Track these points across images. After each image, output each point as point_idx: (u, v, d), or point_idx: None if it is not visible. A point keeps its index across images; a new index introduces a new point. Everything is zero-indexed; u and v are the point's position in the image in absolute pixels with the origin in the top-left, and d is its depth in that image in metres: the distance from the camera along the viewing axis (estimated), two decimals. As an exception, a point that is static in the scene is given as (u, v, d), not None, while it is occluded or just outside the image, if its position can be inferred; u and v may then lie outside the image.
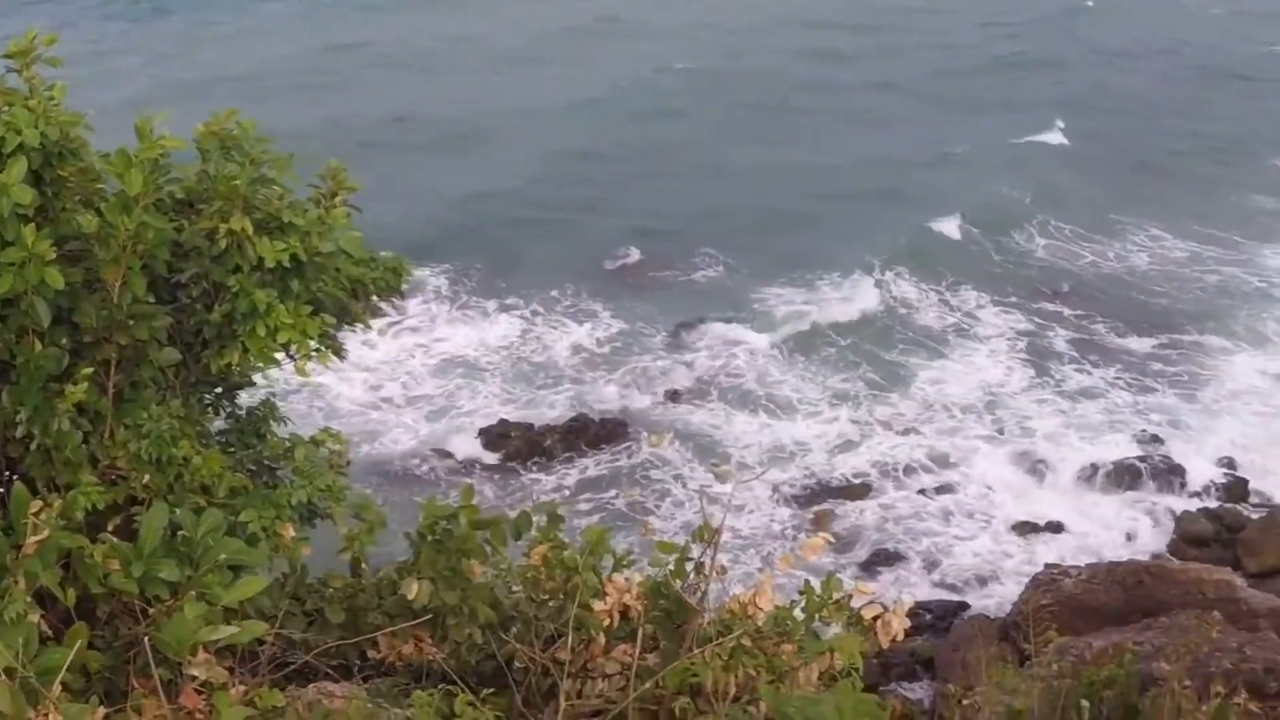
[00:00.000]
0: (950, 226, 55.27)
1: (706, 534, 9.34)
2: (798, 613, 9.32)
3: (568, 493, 37.16)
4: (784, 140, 66.39)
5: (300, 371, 10.14)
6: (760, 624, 9.11)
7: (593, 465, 39.17)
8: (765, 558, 33.80)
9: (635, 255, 52.72)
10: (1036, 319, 48.23)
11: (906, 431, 41.01)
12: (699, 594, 9.33)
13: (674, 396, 42.77)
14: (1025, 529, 36.32)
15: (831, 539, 9.66)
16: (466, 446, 39.78)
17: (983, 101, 73.68)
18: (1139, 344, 46.51)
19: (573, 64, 79.41)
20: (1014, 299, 49.89)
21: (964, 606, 33.03)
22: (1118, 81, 78.27)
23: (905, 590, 33.21)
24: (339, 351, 10.81)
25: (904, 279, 50.98)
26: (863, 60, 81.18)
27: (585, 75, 76.71)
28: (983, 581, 34.31)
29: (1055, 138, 67.47)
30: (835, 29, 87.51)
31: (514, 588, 10.15)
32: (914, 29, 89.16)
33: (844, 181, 60.22)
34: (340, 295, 10.44)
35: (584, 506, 36.26)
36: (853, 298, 49.47)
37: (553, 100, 71.08)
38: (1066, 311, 48.94)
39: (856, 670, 8.59)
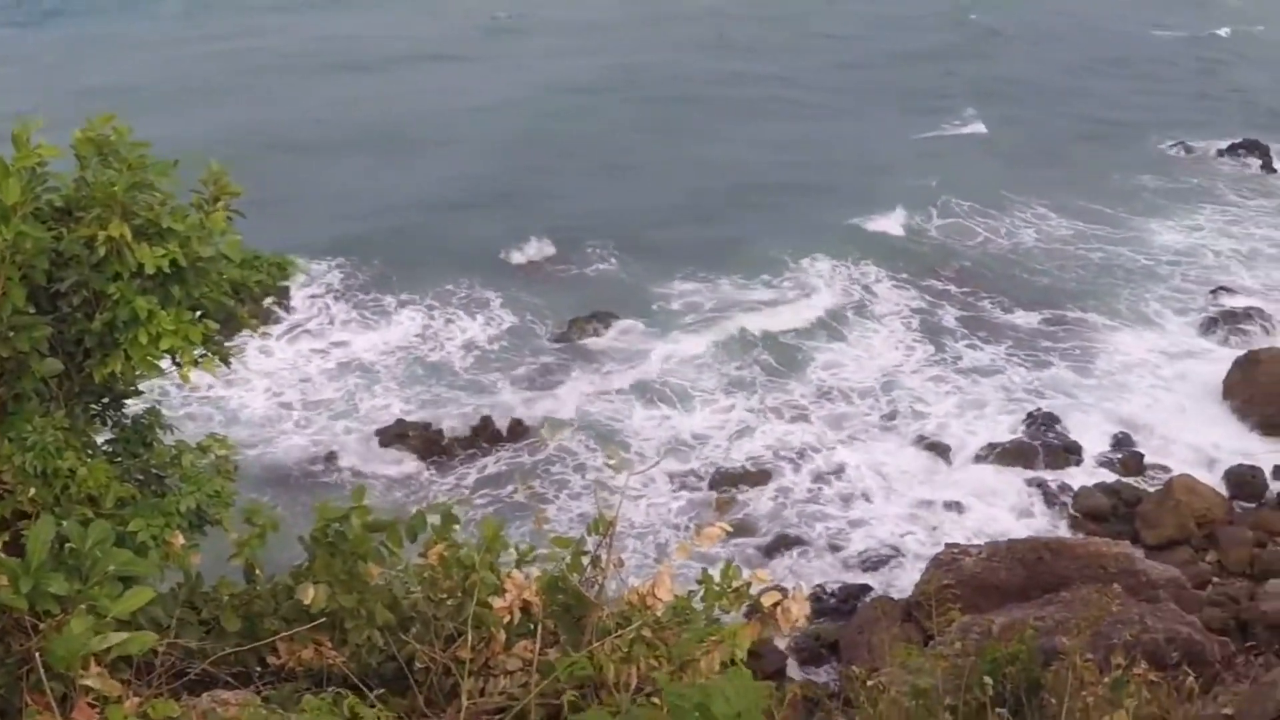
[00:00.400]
0: (862, 218, 56.10)
1: (602, 527, 9.30)
2: (696, 602, 9.30)
3: (467, 490, 37.07)
4: (693, 136, 66.98)
5: (184, 378, 10.00)
6: (659, 615, 9.09)
7: (492, 462, 39.09)
8: (660, 546, 33.91)
9: (539, 251, 52.80)
10: (928, 297, 48.86)
11: (800, 419, 41.26)
12: (596, 587, 9.29)
13: (574, 390, 42.75)
14: (925, 510, 36.64)
15: (730, 528, 9.68)
16: (365, 448, 39.57)
17: (887, 92, 74.83)
18: (1024, 319, 47.27)
19: (479, 62, 79.44)
20: (907, 276, 50.54)
21: (867, 589, 33.26)
22: (1012, 69, 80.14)
23: (808, 574, 33.46)
24: (226, 358, 10.66)
25: (811, 269, 51.34)
26: (772, 55, 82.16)
27: (493, 73, 76.82)
28: (884, 563, 34.57)
29: (960, 125, 68.94)
30: (742, 20, 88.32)
31: (412, 588, 10.07)
32: (826, 18, 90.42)
33: (752, 175, 60.90)
34: (224, 300, 10.30)
35: (482, 502, 36.16)
36: (756, 290, 49.77)
37: (458, 99, 71.16)
38: (955, 289, 49.64)
39: (740, 659, 8.57)
